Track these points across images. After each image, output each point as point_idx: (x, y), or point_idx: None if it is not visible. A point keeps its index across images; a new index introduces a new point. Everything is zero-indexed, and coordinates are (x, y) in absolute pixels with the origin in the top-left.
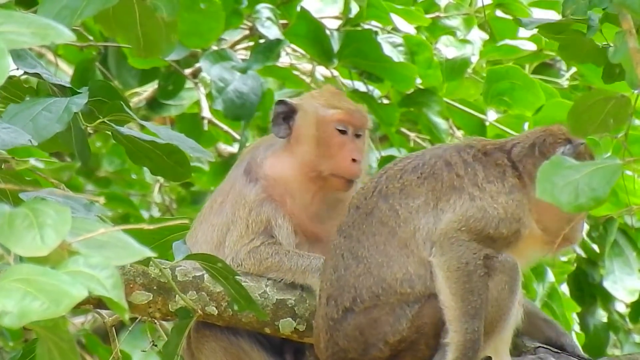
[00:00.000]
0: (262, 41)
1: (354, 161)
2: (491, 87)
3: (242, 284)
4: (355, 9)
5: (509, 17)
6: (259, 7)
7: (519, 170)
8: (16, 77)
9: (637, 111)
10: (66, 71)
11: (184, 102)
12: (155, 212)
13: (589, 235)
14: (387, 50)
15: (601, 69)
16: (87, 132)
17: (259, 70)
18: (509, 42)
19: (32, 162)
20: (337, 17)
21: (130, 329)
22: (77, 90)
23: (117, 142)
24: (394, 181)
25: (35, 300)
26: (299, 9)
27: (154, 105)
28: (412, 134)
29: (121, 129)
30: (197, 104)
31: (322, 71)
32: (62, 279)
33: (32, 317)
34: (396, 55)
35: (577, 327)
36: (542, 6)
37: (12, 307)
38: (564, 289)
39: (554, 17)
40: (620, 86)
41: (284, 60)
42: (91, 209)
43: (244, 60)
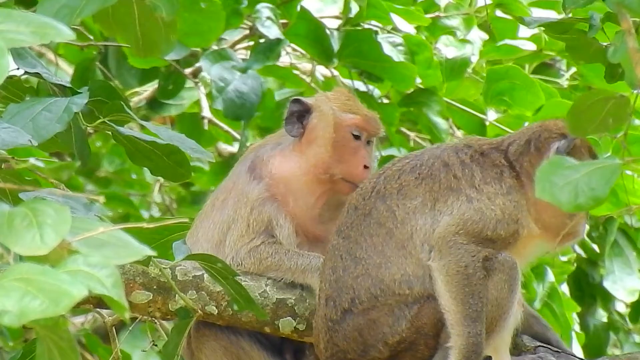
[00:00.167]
0: (262, 41)
1: (366, 168)
2: (491, 87)
3: (242, 284)
4: (355, 9)
5: (509, 17)
6: (259, 6)
7: (516, 170)
8: (16, 76)
9: (637, 111)
10: (66, 71)
11: (184, 101)
12: (155, 212)
13: (589, 235)
14: (387, 50)
15: (601, 69)
16: (87, 132)
17: (259, 70)
18: (508, 42)
19: (32, 161)
20: (337, 17)
21: (130, 328)
22: (77, 90)
23: (117, 142)
24: (391, 182)
25: (35, 299)
26: (299, 8)
27: (154, 104)
28: (412, 134)
29: (121, 129)
30: (197, 103)
31: (322, 71)
32: (62, 278)
33: (31, 316)
34: (396, 55)
35: (577, 327)
36: (542, 6)
37: (11, 306)
38: (564, 289)
39: (554, 16)
40: (619, 86)
41: (284, 60)
42: (91, 208)
43: (244, 60)
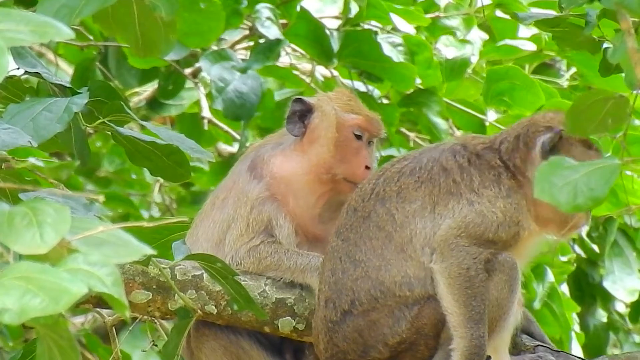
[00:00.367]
0: (262, 41)
1: (367, 168)
2: (491, 87)
3: (242, 283)
4: (355, 9)
5: (508, 17)
6: (259, 7)
7: (510, 169)
8: (16, 76)
9: (636, 111)
10: (66, 71)
11: (184, 102)
12: (155, 212)
13: (588, 235)
14: (387, 50)
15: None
16: (86, 132)
17: (259, 70)
18: (508, 42)
19: (31, 161)
20: (337, 17)
21: (130, 329)
22: (77, 90)
23: (116, 142)
24: (391, 184)
25: (35, 297)
26: (298, 8)
27: (154, 105)
28: (412, 134)
29: (121, 130)
30: (197, 103)
31: (322, 71)
32: (62, 277)
33: (31, 314)
34: (396, 55)
35: (577, 327)
36: (541, 6)
37: (12, 305)
38: (564, 289)
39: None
40: (619, 86)
41: (284, 60)
42: (91, 208)
43: (244, 60)
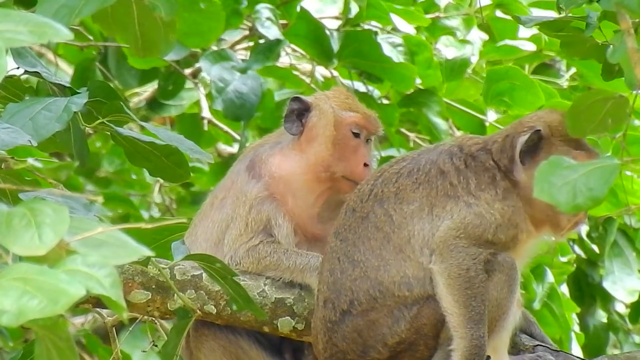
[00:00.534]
0: (262, 41)
1: (366, 166)
2: (491, 87)
3: (241, 283)
4: (355, 9)
5: (508, 17)
6: (259, 7)
7: (502, 169)
8: (16, 76)
9: (636, 111)
10: (66, 71)
11: (184, 102)
12: (155, 212)
13: (588, 235)
14: (387, 50)
15: (600, 69)
16: (86, 132)
17: (259, 70)
18: (508, 42)
19: (31, 161)
20: (337, 17)
21: (130, 329)
22: (77, 90)
23: (116, 143)
24: (389, 185)
25: (33, 299)
26: (298, 9)
27: (154, 105)
28: (412, 134)
29: (120, 130)
30: (197, 104)
31: (322, 71)
32: (60, 278)
33: (30, 315)
34: (396, 55)
35: (576, 328)
36: (541, 6)
37: (10, 306)
38: (564, 289)
39: (552, 16)
40: (619, 86)
41: (284, 60)
42: (90, 208)
43: (243, 60)
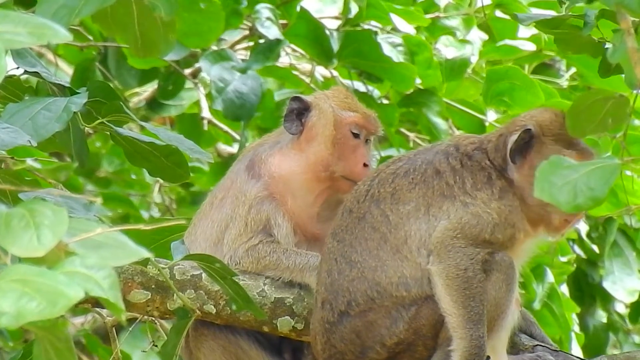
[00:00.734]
0: (261, 41)
1: (365, 166)
2: (491, 87)
3: (240, 283)
4: (354, 9)
5: (508, 17)
6: (259, 7)
7: (497, 168)
8: (16, 76)
9: (636, 111)
10: (66, 71)
11: (184, 102)
12: (155, 212)
13: (588, 235)
14: (387, 50)
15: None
16: (85, 132)
17: (259, 70)
18: (508, 42)
19: (30, 162)
20: (336, 17)
21: (130, 329)
22: (77, 90)
23: (115, 143)
24: (385, 185)
25: (32, 300)
26: (298, 9)
27: (154, 105)
28: (411, 134)
29: (120, 130)
30: (197, 104)
31: (321, 71)
32: (59, 280)
33: (28, 317)
34: (396, 55)
35: (576, 328)
36: (541, 6)
37: (9, 308)
38: (564, 289)
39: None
40: (618, 85)
41: (284, 60)
42: (90, 209)
43: (243, 60)
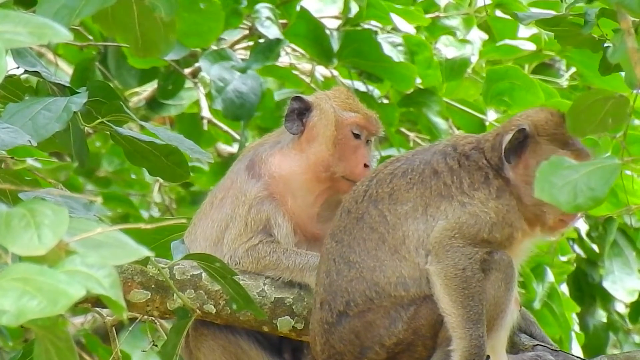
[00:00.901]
0: (261, 41)
1: (366, 166)
2: (491, 87)
3: (240, 283)
4: (355, 9)
5: (508, 17)
6: (259, 6)
7: (494, 168)
8: (16, 76)
9: (636, 111)
10: (66, 71)
11: (184, 101)
12: (155, 212)
13: (588, 235)
14: (387, 50)
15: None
16: (85, 132)
17: (259, 70)
18: (508, 42)
19: (30, 161)
20: (336, 17)
21: (130, 329)
22: (77, 90)
23: (115, 142)
24: (383, 185)
25: (32, 299)
26: (298, 8)
27: (154, 105)
28: (411, 134)
29: (120, 130)
30: (197, 103)
31: (321, 71)
32: (60, 278)
33: (29, 316)
34: (396, 55)
35: (576, 328)
36: (541, 6)
37: (9, 306)
38: (564, 289)
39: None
40: (618, 85)
41: (284, 60)
42: (90, 208)
43: (243, 60)
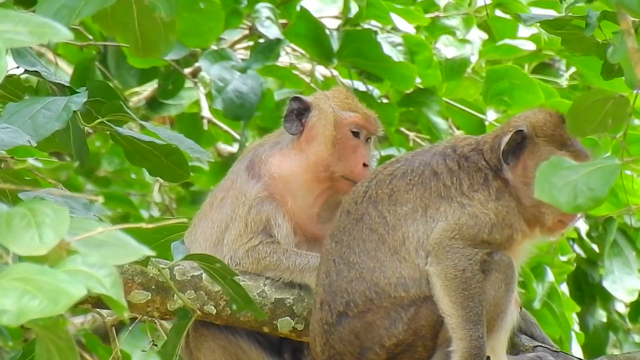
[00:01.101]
0: (261, 41)
1: (365, 166)
2: (490, 86)
3: (240, 284)
4: (354, 9)
5: (508, 16)
6: (259, 6)
7: (493, 169)
8: (16, 75)
9: (636, 111)
10: (66, 71)
11: (184, 101)
12: (155, 211)
13: (588, 235)
14: (387, 50)
15: (600, 68)
16: (85, 132)
17: (259, 69)
18: (508, 41)
19: (30, 161)
20: (336, 17)
21: (130, 329)
22: (76, 89)
23: (115, 142)
24: (383, 186)
25: (33, 298)
26: (298, 8)
27: (154, 104)
28: (411, 134)
29: (119, 129)
30: (197, 103)
31: (321, 71)
32: (61, 278)
33: (30, 315)
34: (396, 55)
35: (576, 327)
36: (541, 5)
37: (10, 306)
38: (564, 288)
39: (553, 14)
40: (619, 86)
41: (284, 59)
42: (90, 208)
43: (243, 59)
